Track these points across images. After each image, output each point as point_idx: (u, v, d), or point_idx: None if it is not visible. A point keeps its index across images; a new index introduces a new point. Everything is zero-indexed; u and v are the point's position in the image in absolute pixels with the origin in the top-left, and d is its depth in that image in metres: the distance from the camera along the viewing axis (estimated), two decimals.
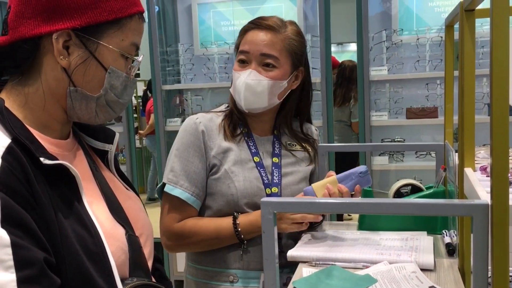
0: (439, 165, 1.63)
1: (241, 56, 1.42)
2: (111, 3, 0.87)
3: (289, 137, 1.53)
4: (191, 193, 1.39)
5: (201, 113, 1.48)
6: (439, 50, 3.03)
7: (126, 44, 0.90)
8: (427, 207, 0.88)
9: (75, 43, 0.86)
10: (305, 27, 3.32)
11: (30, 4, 0.84)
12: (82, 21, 0.85)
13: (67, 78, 0.87)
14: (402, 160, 3.15)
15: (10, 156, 0.77)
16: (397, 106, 3.16)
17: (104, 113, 0.93)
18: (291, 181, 1.47)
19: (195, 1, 3.50)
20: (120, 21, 0.89)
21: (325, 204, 0.99)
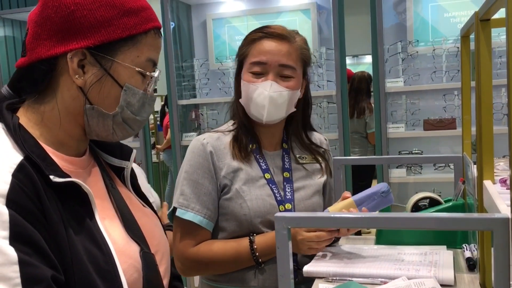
0: (457, 177, 1.60)
1: (255, 68, 1.38)
2: (125, 20, 0.87)
3: (299, 149, 1.50)
4: (203, 215, 1.36)
5: (208, 133, 1.46)
6: (456, 60, 3.00)
7: (142, 60, 0.90)
8: (446, 222, 0.86)
9: (90, 61, 0.86)
10: (319, 40, 3.32)
11: (46, 26, 0.85)
12: (95, 40, 0.85)
13: (83, 97, 0.87)
14: (420, 173, 3.10)
15: (20, 174, 0.77)
16: (414, 117, 3.12)
17: (122, 131, 0.93)
18: (304, 196, 1.44)
19: (210, 16, 3.53)
20: (135, 37, 0.88)
21: (340, 219, 0.97)
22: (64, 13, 0.84)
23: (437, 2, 3.10)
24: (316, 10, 3.31)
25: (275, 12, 3.42)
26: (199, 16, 3.58)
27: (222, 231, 1.41)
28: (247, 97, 1.40)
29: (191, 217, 1.36)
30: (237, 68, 1.46)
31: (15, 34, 4.08)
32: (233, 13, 3.51)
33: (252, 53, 1.39)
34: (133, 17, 0.88)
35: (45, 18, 0.86)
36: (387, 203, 1.34)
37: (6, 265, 0.70)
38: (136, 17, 0.89)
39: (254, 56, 1.38)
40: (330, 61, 3.14)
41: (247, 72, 1.40)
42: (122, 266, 0.85)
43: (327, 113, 3.22)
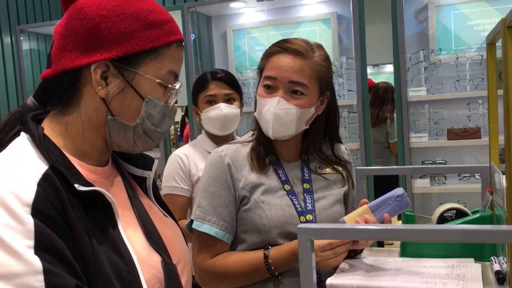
0: (484, 188, 1.56)
1: (267, 82, 1.37)
2: (148, 33, 0.88)
3: (319, 160, 1.47)
4: (220, 227, 1.35)
5: (226, 144, 1.44)
6: (480, 69, 2.95)
7: (164, 72, 0.90)
8: (474, 234, 0.83)
9: (113, 73, 0.87)
10: (339, 49, 3.30)
11: (71, 37, 0.87)
12: (119, 52, 0.86)
13: (105, 108, 0.88)
14: (445, 183, 3.04)
15: (46, 183, 0.78)
16: (438, 127, 3.07)
17: (142, 142, 0.93)
18: (325, 205, 1.41)
19: (230, 27, 3.55)
20: (157, 50, 0.89)
21: (364, 231, 0.95)
22: (89, 25, 0.86)
23: (459, 10, 3.06)
24: (336, 19, 3.30)
25: (295, 22, 3.42)
26: (220, 27, 3.61)
27: (241, 243, 1.39)
28: (258, 111, 1.40)
29: (207, 229, 1.34)
30: (259, 81, 1.45)
31: (39, 47, 4.18)
32: (253, 24, 3.53)
33: (267, 68, 1.38)
34: (156, 29, 0.89)
35: (70, 30, 0.87)
36: (403, 207, 1.31)
37: (31, 274, 0.70)
38: (159, 30, 0.89)
39: (267, 70, 1.37)
40: (351, 70, 3.12)
41: (261, 85, 1.39)
42: (144, 276, 0.85)
43: (348, 122, 3.19)
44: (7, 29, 3.98)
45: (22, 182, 0.77)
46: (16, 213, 0.73)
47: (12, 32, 4.00)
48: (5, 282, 0.70)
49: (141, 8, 0.88)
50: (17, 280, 0.70)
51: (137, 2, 0.89)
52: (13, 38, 4.00)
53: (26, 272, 0.70)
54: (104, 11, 0.86)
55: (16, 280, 0.70)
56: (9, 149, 0.84)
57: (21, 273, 0.70)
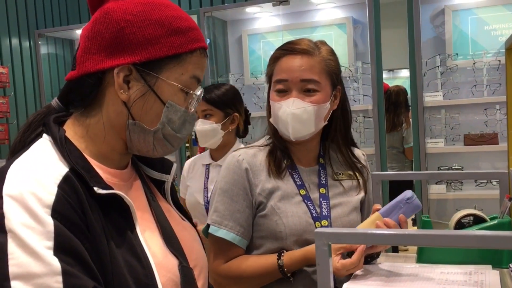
0: (503, 194, 1.54)
1: (279, 86, 1.37)
2: (172, 39, 0.88)
3: (337, 165, 1.47)
4: (236, 232, 1.35)
5: (244, 149, 1.44)
6: (497, 74, 2.92)
7: (186, 78, 0.91)
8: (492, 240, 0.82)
9: (135, 77, 0.88)
10: (355, 54, 3.30)
11: (96, 40, 0.88)
12: (142, 56, 0.87)
13: (126, 111, 0.89)
14: (461, 189, 3.01)
15: (66, 185, 0.79)
16: (454, 132, 3.05)
17: (162, 147, 0.93)
18: (341, 213, 1.41)
19: (246, 32, 3.57)
20: (180, 56, 0.89)
21: (381, 236, 0.95)
22: (114, 29, 0.87)
23: (476, 15, 3.04)
24: (352, 24, 3.30)
25: (310, 27, 3.42)
26: (235, 32, 3.63)
27: (257, 249, 1.39)
28: (274, 116, 1.39)
29: (223, 234, 1.34)
30: (269, 87, 1.45)
31: (57, 51, 4.24)
32: (268, 29, 3.54)
33: (275, 72, 1.38)
34: (181, 36, 0.89)
35: (96, 33, 0.88)
36: (414, 209, 1.30)
37: (50, 275, 0.71)
38: (183, 36, 0.90)
39: (277, 74, 1.38)
40: (366, 75, 3.11)
41: (273, 91, 1.39)
42: (161, 279, 0.85)
43: (363, 127, 3.18)
44: (25, 33, 4.05)
45: (43, 183, 0.77)
46: (37, 214, 0.74)
47: (31, 36, 4.07)
48: (24, 282, 0.70)
49: (166, 15, 0.89)
50: (36, 280, 0.71)
51: (163, 8, 0.90)
52: (31, 42, 4.06)
53: (45, 273, 0.71)
54: (130, 16, 0.87)
55: (35, 280, 0.70)
56: (31, 151, 0.85)
57: (40, 273, 0.71)
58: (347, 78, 3.24)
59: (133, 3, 0.88)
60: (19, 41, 3.98)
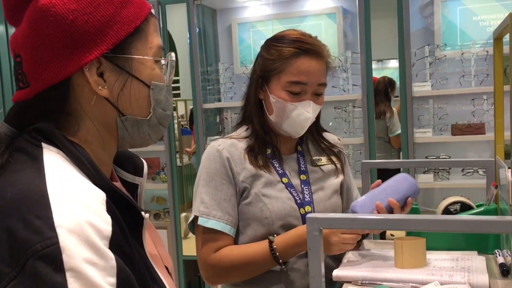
0: (489, 182, 1.57)
1: (295, 88, 1.34)
2: (126, 12, 0.78)
3: (314, 151, 1.50)
4: (225, 221, 1.35)
5: (222, 139, 1.44)
6: (485, 64, 2.95)
7: (154, 50, 0.82)
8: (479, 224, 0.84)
9: (108, 67, 0.77)
10: (345, 44, 3.30)
11: (46, 46, 0.74)
12: (108, 43, 0.75)
13: (113, 109, 0.79)
14: (448, 178, 3.05)
15: (111, 211, 0.70)
16: (442, 122, 3.08)
17: (156, 132, 0.86)
18: (323, 197, 1.43)
19: (235, 21, 3.55)
20: (140, 28, 0.79)
21: (372, 221, 0.96)
22: (65, 25, 0.73)
23: (465, 6, 3.06)
24: (341, 14, 3.30)
25: (300, 16, 3.42)
26: (224, 20, 3.61)
27: (242, 235, 1.40)
28: (282, 114, 1.37)
29: (213, 225, 1.34)
30: (262, 79, 1.40)
31: None
32: (258, 18, 3.52)
33: (289, 71, 1.34)
34: (131, 6, 0.79)
35: (42, 38, 0.73)
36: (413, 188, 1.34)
37: None
38: (133, 5, 0.79)
39: (293, 75, 1.33)
40: (356, 65, 3.12)
41: (283, 90, 1.35)
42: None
43: (352, 117, 3.20)
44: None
45: (95, 210, 0.67)
46: (98, 247, 0.64)
47: None
48: None
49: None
50: None
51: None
52: None
53: None
54: (74, 4, 0.74)
55: None
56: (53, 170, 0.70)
57: None
58: (336, 68, 3.25)
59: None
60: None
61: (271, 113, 1.39)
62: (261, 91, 1.41)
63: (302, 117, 1.36)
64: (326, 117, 3.33)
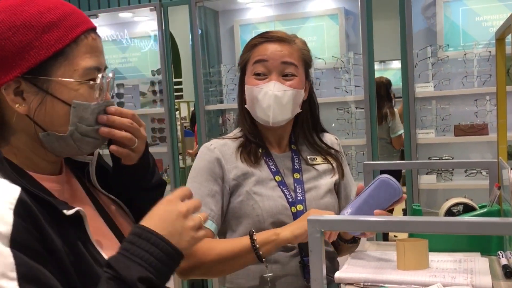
0: (492, 183, 1.56)
1: (258, 68, 1.38)
2: (46, 38, 0.81)
3: (309, 151, 1.50)
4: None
5: (215, 139, 1.47)
6: (488, 65, 2.94)
7: (80, 72, 0.85)
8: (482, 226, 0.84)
9: (26, 87, 0.82)
10: (347, 45, 3.30)
11: None
12: (22, 67, 0.80)
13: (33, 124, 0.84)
14: (451, 179, 3.04)
15: (21, 209, 0.75)
16: (444, 123, 3.07)
17: (87, 144, 0.89)
18: (315, 196, 1.43)
19: (237, 22, 3.55)
20: (63, 51, 0.83)
21: (372, 223, 0.96)
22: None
23: (467, 6, 3.05)
24: (344, 15, 3.30)
25: (302, 17, 3.42)
26: (227, 22, 3.61)
27: (234, 234, 1.40)
28: (252, 100, 1.40)
29: None
30: (240, 76, 1.47)
31: None
32: (260, 19, 3.52)
33: (253, 56, 1.41)
34: (55, 30, 0.82)
35: None
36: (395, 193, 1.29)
37: None
38: (58, 29, 0.83)
39: (256, 57, 1.40)
40: (358, 66, 3.12)
41: (250, 75, 1.40)
42: None
43: (355, 118, 3.20)
44: None
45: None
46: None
47: None
48: None
49: (31, 13, 0.82)
50: None
51: (26, 8, 0.82)
52: None
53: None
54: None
55: None
56: None
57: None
58: (338, 69, 3.24)
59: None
60: None
61: (246, 104, 1.43)
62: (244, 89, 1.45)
63: (266, 97, 1.36)
64: (328, 118, 3.33)
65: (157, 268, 0.78)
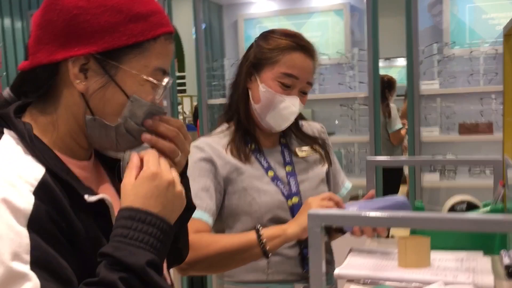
0: (496, 181, 1.54)
1: (286, 80, 1.36)
2: (132, 26, 0.81)
3: (297, 143, 1.50)
4: (203, 209, 1.32)
5: (202, 137, 1.45)
6: (494, 63, 2.91)
7: (150, 70, 0.84)
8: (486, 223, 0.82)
9: (93, 67, 0.81)
10: (352, 41, 3.28)
11: (47, 29, 0.81)
12: (99, 46, 0.80)
13: (85, 105, 0.83)
14: (454, 178, 3.02)
15: (42, 191, 0.74)
16: (449, 121, 3.04)
17: (126, 142, 0.87)
18: (309, 187, 1.44)
19: (242, 16, 3.53)
20: (142, 44, 0.83)
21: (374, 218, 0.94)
22: (66, 17, 0.79)
23: (474, 4, 3.02)
24: (349, 11, 3.27)
25: (307, 12, 3.39)
26: (231, 16, 3.59)
27: (231, 230, 1.39)
28: (269, 105, 1.37)
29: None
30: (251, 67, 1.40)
31: None
32: (265, 14, 3.50)
33: (284, 62, 1.35)
34: (141, 22, 0.82)
35: (47, 21, 0.81)
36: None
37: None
38: (145, 22, 0.83)
39: (287, 67, 1.35)
40: (362, 62, 3.09)
41: (275, 80, 1.36)
42: None
43: (358, 115, 3.17)
44: (18, 14, 3.99)
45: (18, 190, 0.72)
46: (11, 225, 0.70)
47: (24, 17, 4.01)
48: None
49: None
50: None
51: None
52: (24, 23, 4.01)
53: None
54: (83, 2, 0.80)
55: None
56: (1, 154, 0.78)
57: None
58: (343, 65, 3.22)
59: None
60: (11, 22, 3.93)
61: (257, 102, 1.39)
62: (249, 80, 1.41)
63: (289, 111, 1.37)
64: (331, 114, 3.31)
65: (158, 248, 0.76)
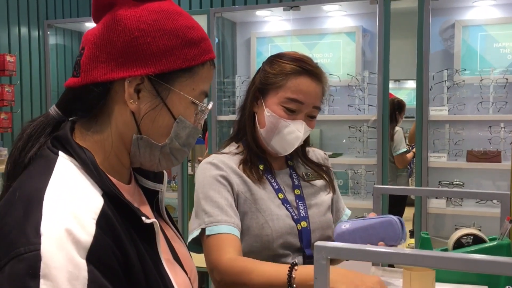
0: (503, 215, 1.53)
1: (290, 105, 1.35)
2: (186, 51, 0.85)
3: (304, 167, 1.50)
4: (232, 224, 1.31)
5: (213, 154, 1.44)
6: (504, 92, 2.92)
7: (197, 93, 0.87)
8: (492, 265, 0.82)
9: (147, 88, 0.83)
10: (363, 63, 3.30)
11: (106, 49, 0.82)
12: (156, 68, 0.82)
13: (134, 124, 0.85)
14: (461, 205, 3.01)
15: (103, 220, 0.74)
16: (457, 148, 3.04)
17: (167, 161, 0.89)
18: (317, 213, 1.43)
19: (254, 34, 3.57)
20: (193, 69, 0.86)
21: (381, 254, 0.94)
22: (127, 38, 0.82)
23: (486, 32, 3.04)
24: (361, 33, 3.30)
25: (319, 33, 3.42)
26: (244, 33, 3.63)
27: None
28: (273, 130, 1.37)
29: (222, 229, 1.29)
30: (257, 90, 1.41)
31: (66, 43, 4.24)
32: (277, 33, 3.54)
33: (289, 87, 1.35)
34: (194, 48, 0.86)
35: (106, 41, 0.83)
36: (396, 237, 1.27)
37: None
38: (197, 48, 0.86)
39: (292, 92, 1.35)
40: (372, 85, 3.11)
41: (279, 104, 1.36)
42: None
43: (367, 137, 3.18)
44: (35, 23, 4.05)
45: (81, 220, 0.72)
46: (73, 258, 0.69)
47: (40, 26, 4.07)
48: None
49: (180, 25, 0.85)
50: None
51: (177, 17, 0.86)
52: (40, 32, 4.06)
53: None
54: (144, 25, 0.83)
55: None
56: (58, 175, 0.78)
57: None
58: (353, 87, 3.24)
59: (146, 11, 0.84)
60: (28, 30, 3.98)
61: (262, 127, 1.39)
62: (256, 104, 1.42)
63: (293, 136, 1.36)
64: (340, 136, 3.32)
65: None
